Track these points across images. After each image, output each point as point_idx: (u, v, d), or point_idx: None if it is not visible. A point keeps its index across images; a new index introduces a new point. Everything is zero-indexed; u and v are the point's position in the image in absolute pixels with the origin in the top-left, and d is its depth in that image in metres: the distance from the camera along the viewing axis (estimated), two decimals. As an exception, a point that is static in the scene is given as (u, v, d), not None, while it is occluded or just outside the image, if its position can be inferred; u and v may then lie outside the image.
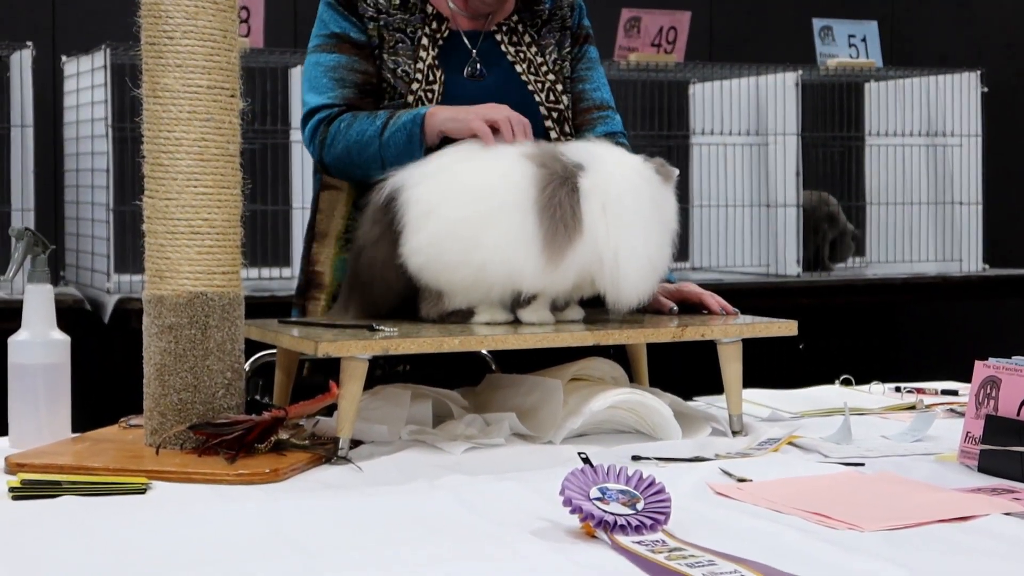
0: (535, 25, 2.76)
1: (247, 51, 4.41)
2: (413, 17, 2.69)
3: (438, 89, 2.64)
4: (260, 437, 2.08)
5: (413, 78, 2.64)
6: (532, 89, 2.69)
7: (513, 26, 2.75)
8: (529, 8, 2.77)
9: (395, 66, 2.64)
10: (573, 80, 2.77)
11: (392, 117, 2.54)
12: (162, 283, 2.15)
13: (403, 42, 2.67)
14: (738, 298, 4.79)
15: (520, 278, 2.31)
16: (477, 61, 2.70)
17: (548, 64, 2.73)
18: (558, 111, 2.70)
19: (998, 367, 2.07)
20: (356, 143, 2.56)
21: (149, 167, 2.17)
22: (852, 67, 5.31)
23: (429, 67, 2.65)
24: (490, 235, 2.29)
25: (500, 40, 2.73)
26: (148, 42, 2.16)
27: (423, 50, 2.66)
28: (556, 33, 2.77)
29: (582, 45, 2.80)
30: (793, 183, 5.04)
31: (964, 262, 5.38)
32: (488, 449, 2.21)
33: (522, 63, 2.72)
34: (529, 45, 2.73)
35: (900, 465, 2.09)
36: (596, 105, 2.78)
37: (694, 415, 2.44)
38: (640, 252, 2.32)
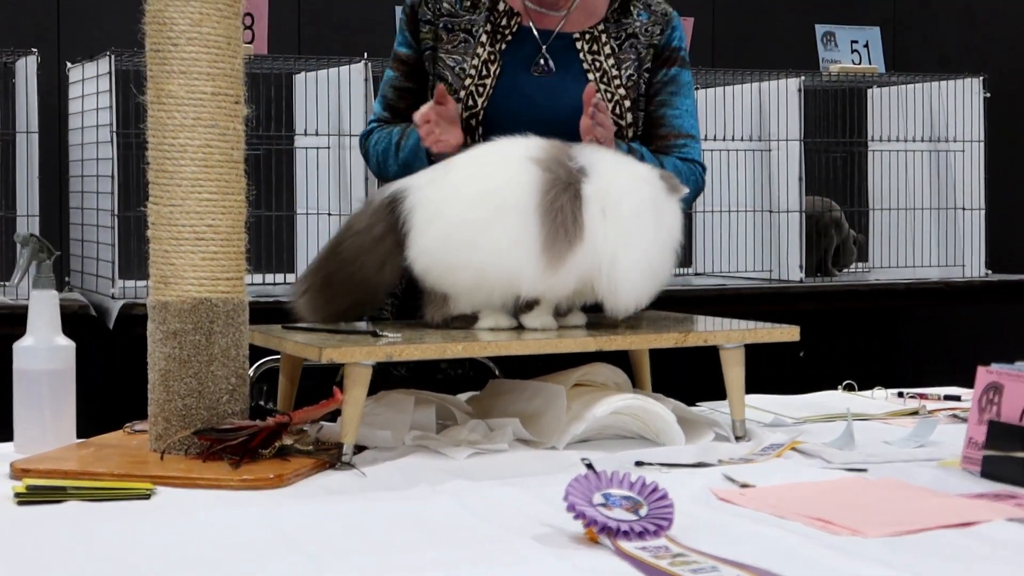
0: (619, 37, 2.76)
1: (251, 57, 4.42)
2: (478, 16, 2.74)
3: (490, 83, 2.69)
4: (264, 443, 2.09)
5: (467, 74, 2.69)
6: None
7: (596, 35, 2.76)
8: (618, 19, 2.78)
9: (454, 64, 2.71)
10: (655, 103, 2.77)
11: (403, 136, 2.69)
12: (167, 289, 2.16)
13: (466, 41, 2.72)
14: (741, 303, 4.86)
15: (520, 282, 2.31)
16: (544, 57, 2.72)
17: (622, 79, 2.73)
18: (619, 127, 2.70)
19: (1001, 373, 2.08)
20: (383, 158, 2.75)
21: (153, 173, 2.17)
22: (855, 73, 5.32)
23: (484, 62, 2.70)
24: (491, 238, 2.30)
25: (580, 47, 2.75)
26: (152, 49, 2.17)
27: (481, 46, 2.71)
28: (641, 50, 2.76)
29: (669, 67, 2.79)
30: (796, 189, 5.04)
31: (967, 267, 5.38)
32: (491, 455, 2.22)
33: (596, 71, 2.72)
34: (608, 56, 2.74)
35: (903, 471, 2.09)
36: (675, 133, 2.77)
37: (697, 420, 2.44)
38: (639, 258, 2.32)
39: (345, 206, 4.53)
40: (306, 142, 4.67)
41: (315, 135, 4.62)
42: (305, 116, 4.68)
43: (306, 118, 4.67)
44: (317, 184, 4.65)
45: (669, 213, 2.39)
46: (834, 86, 5.51)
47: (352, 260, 2.41)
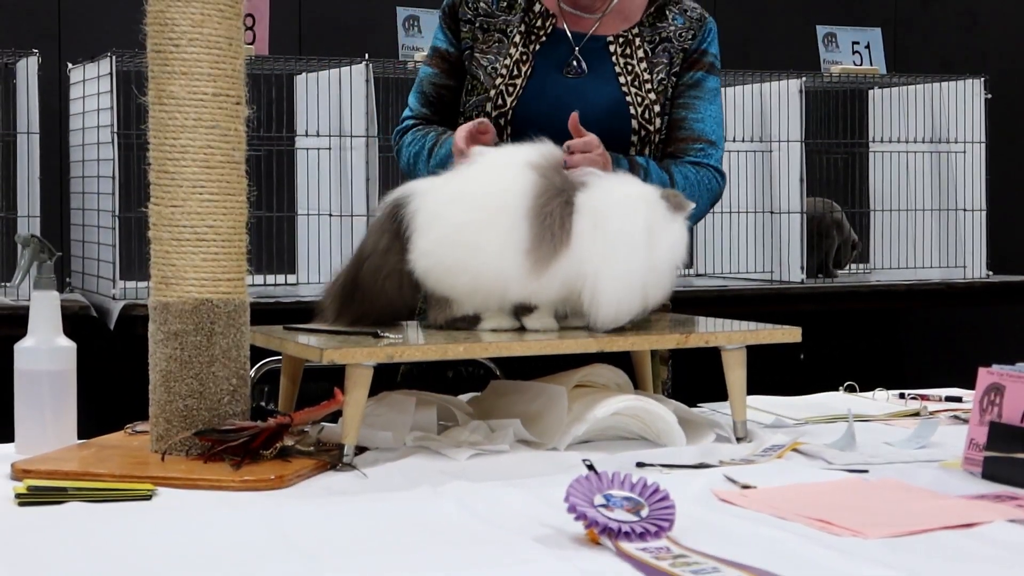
0: (653, 41, 2.76)
1: (252, 58, 4.42)
2: (514, 16, 2.75)
3: (520, 83, 2.69)
4: (265, 443, 2.09)
5: (499, 74, 2.70)
6: (630, 101, 2.70)
7: (630, 38, 2.76)
8: (653, 24, 2.78)
9: (487, 64, 2.72)
10: (678, 105, 2.76)
11: (438, 142, 2.68)
12: (168, 290, 2.16)
13: (500, 41, 2.73)
14: (742, 304, 4.86)
15: (507, 284, 2.31)
16: (576, 58, 2.72)
17: (653, 83, 2.73)
18: (647, 131, 2.71)
19: (1002, 374, 2.08)
20: (414, 161, 2.74)
21: (155, 174, 2.17)
22: (856, 74, 5.32)
23: (516, 62, 2.71)
24: (485, 240, 2.30)
25: (613, 50, 2.75)
26: (154, 50, 2.17)
27: (514, 46, 2.72)
28: (674, 54, 2.76)
29: (696, 71, 2.77)
30: (797, 190, 5.04)
31: (968, 268, 5.38)
32: (493, 456, 2.22)
33: (628, 75, 2.72)
34: (640, 60, 2.73)
35: (904, 472, 2.09)
36: (694, 136, 2.75)
37: (698, 421, 2.44)
38: (622, 276, 2.30)
39: (346, 207, 4.53)
40: (307, 143, 4.67)
41: (316, 136, 4.62)
42: (306, 117, 4.68)
43: (307, 119, 4.67)
44: (318, 185, 4.65)
45: (668, 233, 2.35)
46: (835, 87, 5.51)
47: (372, 287, 2.41)
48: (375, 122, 4.51)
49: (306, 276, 4.72)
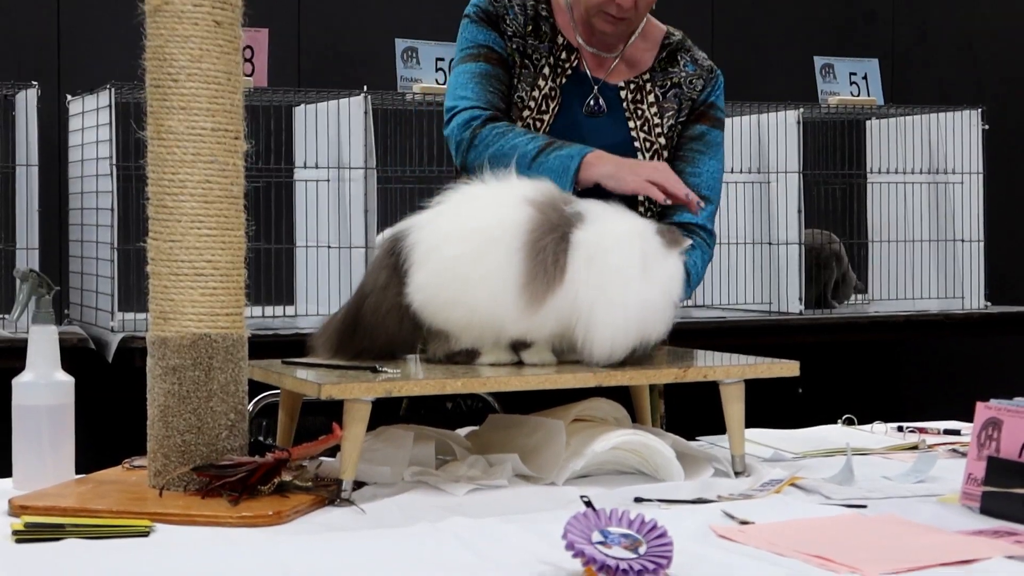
0: (664, 86, 2.77)
1: (251, 90, 4.43)
2: (541, 45, 2.74)
3: (547, 120, 2.69)
4: (263, 479, 2.09)
5: (526, 105, 2.69)
6: (638, 147, 2.71)
7: (642, 84, 2.76)
8: (664, 68, 2.78)
9: (514, 91, 2.70)
10: (677, 156, 2.76)
11: (551, 145, 2.56)
12: (166, 325, 2.16)
13: (526, 68, 2.72)
14: (741, 335, 4.85)
15: (503, 319, 2.31)
16: (598, 96, 2.72)
17: (663, 127, 2.73)
18: None
19: (1000, 408, 2.08)
20: (504, 156, 2.57)
21: (153, 209, 2.18)
22: (853, 105, 5.33)
23: (545, 96, 2.70)
24: (479, 274, 2.30)
25: (624, 96, 2.75)
26: (153, 85, 2.17)
27: (542, 79, 2.71)
28: (683, 100, 2.76)
29: (701, 124, 2.77)
30: (795, 221, 5.04)
31: (966, 299, 5.38)
32: (491, 491, 2.22)
33: (637, 119, 2.73)
34: (651, 105, 2.74)
35: (902, 507, 2.09)
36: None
37: (696, 455, 2.44)
38: (617, 313, 2.30)
39: (345, 239, 4.54)
40: (306, 175, 4.67)
41: (315, 168, 4.62)
42: (305, 149, 4.69)
43: (306, 151, 4.68)
44: (317, 216, 4.66)
45: (664, 268, 2.35)
46: (833, 118, 5.52)
47: (372, 323, 2.41)
48: (374, 154, 4.52)
49: (304, 308, 4.72)
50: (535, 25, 2.74)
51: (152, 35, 2.16)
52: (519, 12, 2.74)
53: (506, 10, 2.73)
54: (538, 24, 2.75)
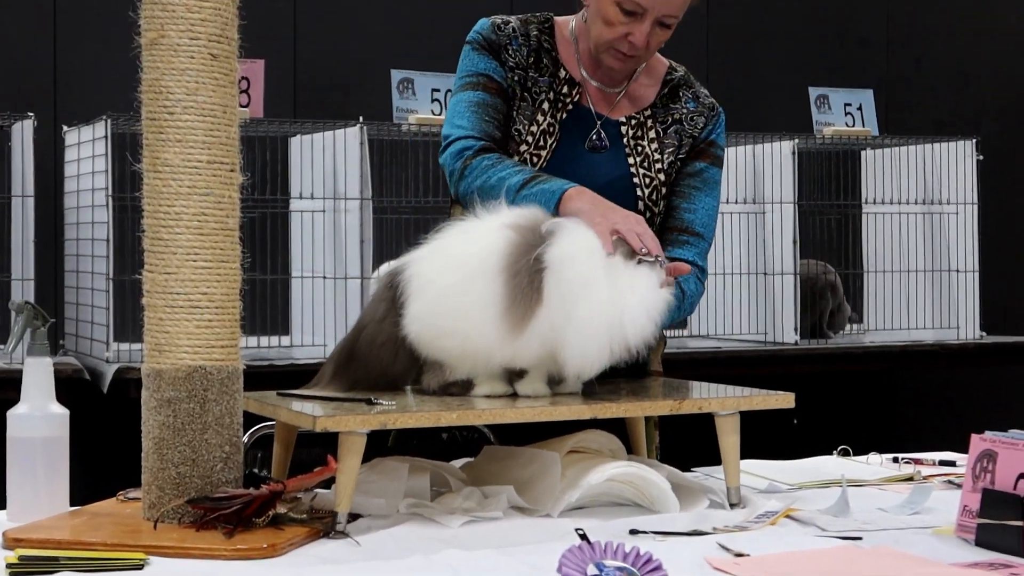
0: (665, 122, 2.76)
1: (247, 121, 4.44)
2: (542, 79, 2.73)
3: (545, 155, 2.68)
4: (258, 511, 2.08)
5: (523, 139, 2.68)
6: (637, 182, 2.70)
7: (642, 120, 2.76)
8: (666, 105, 2.78)
9: (513, 124, 2.69)
10: (674, 192, 2.75)
11: (536, 179, 2.55)
12: (161, 357, 2.16)
13: (525, 101, 2.71)
14: (736, 366, 4.86)
15: (491, 347, 2.32)
16: (600, 132, 2.72)
17: (663, 163, 2.73)
18: (652, 212, 2.71)
19: (995, 441, 2.08)
20: (492, 188, 2.57)
21: (149, 241, 2.18)
22: (848, 135, 5.34)
23: (543, 132, 2.69)
24: (468, 303, 2.31)
25: (624, 132, 2.74)
26: (149, 117, 2.18)
27: (541, 114, 2.70)
28: (684, 137, 2.76)
29: (700, 161, 2.77)
30: (791, 251, 5.05)
31: (961, 330, 5.39)
32: (486, 523, 2.21)
33: (637, 155, 2.72)
34: (652, 140, 2.73)
35: (897, 539, 2.09)
36: (682, 227, 2.74)
37: (692, 487, 2.44)
38: (584, 321, 2.28)
39: (340, 269, 4.54)
40: (301, 205, 4.68)
41: (311, 198, 4.63)
42: (301, 179, 4.69)
43: (301, 181, 4.69)
44: (312, 247, 4.66)
45: (635, 279, 2.33)
46: (828, 148, 5.54)
47: (367, 355, 2.42)
48: (369, 184, 4.52)
49: (300, 338, 4.72)
50: (537, 58, 2.74)
51: (148, 68, 2.17)
52: (522, 43, 2.74)
53: (509, 40, 2.73)
54: (540, 57, 2.75)
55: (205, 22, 2.16)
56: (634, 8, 2.61)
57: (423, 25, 5.55)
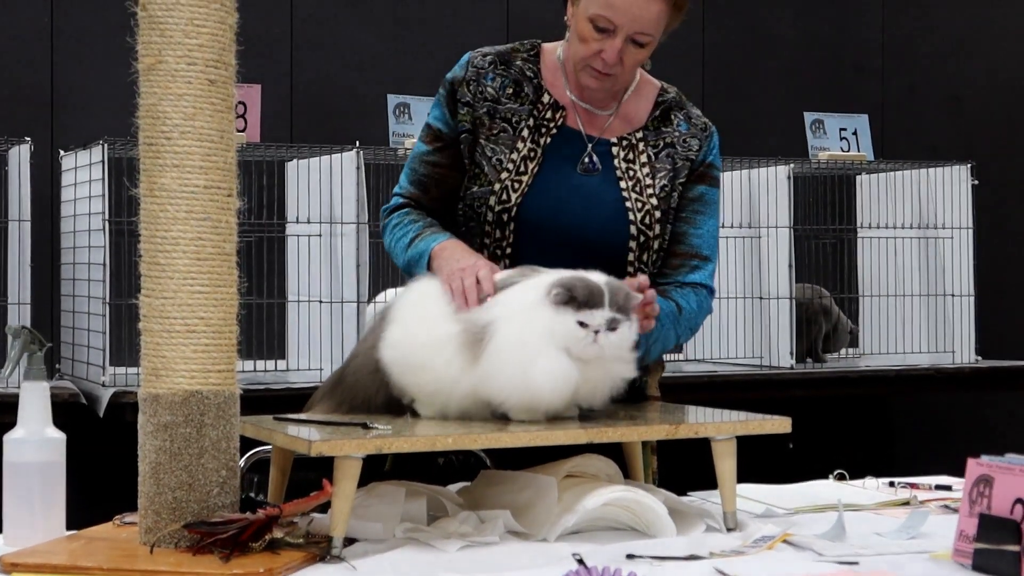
0: (657, 146, 2.76)
1: (244, 145, 4.45)
2: (522, 107, 2.73)
3: (526, 180, 2.68)
4: (255, 536, 2.08)
5: (504, 167, 2.68)
6: (630, 207, 2.70)
7: (634, 143, 2.75)
8: (657, 128, 2.78)
9: (492, 154, 2.70)
10: (680, 218, 2.75)
11: (415, 239, 2.65)
12: (158, 381, 2.16)
13: (505, 131, 2.71)
14: (732, 390, 4.86)
15: (457, 379, 2.35)
16: (590, 155, 2.72)
17: (655, 188, 2.72)
18: (646, 236, 2.70)
19: (991, 465, 2.08)
20: (393, 248, 2.72)
21: (146, 266, 2.18)
22: (843, 160, 5.35)
23: (524, 158, 2.69)
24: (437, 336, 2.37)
25: (616, 153, 2.74)
26: (146, 142, 2.18)
27: (521, 140, 2.70)
28: (678, 160, 2.75)
29: (701, 184, 2.77)
30: (786, 275, 5.06)
31: (957, 354, 5.39)
32: (483, 547, 2.21)
33: (629, 179, 2.71)
34: (643, 165, 2.73)
35: (894, 563, 2.09)
36: (691, 252, 2.74)
37: (688, 511, 2.43)
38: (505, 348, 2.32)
39: (337, 293, 4.55)
40: (298, 229, 4.69)
41: (307, 223, 4.64)
42: (297, 203, 4.70)
43: (298, 205, 4.69)
44: (309, 271, 4.66)
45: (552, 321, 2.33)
46: (823, 173, 5.55)
47: (353, 383, 2.48)
48: (366, 209, 4.53)
49: (296, 362, 4.72)
50: (517, 89, 2.74)
51: (146, 93, 2.17)
52: (499, 74, 2.74)
53: (482, 75, 2.74)
54: (521, 86, 2.74)
55: (203, 47, 2.17)
56: (606, 25, 2.61)
57: (420, 50, 5.56)
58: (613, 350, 2.33)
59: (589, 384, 2.35)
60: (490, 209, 2.67)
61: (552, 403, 2.34)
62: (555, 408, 2.35)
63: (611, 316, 2.31)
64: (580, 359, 2.31)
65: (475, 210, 2.69)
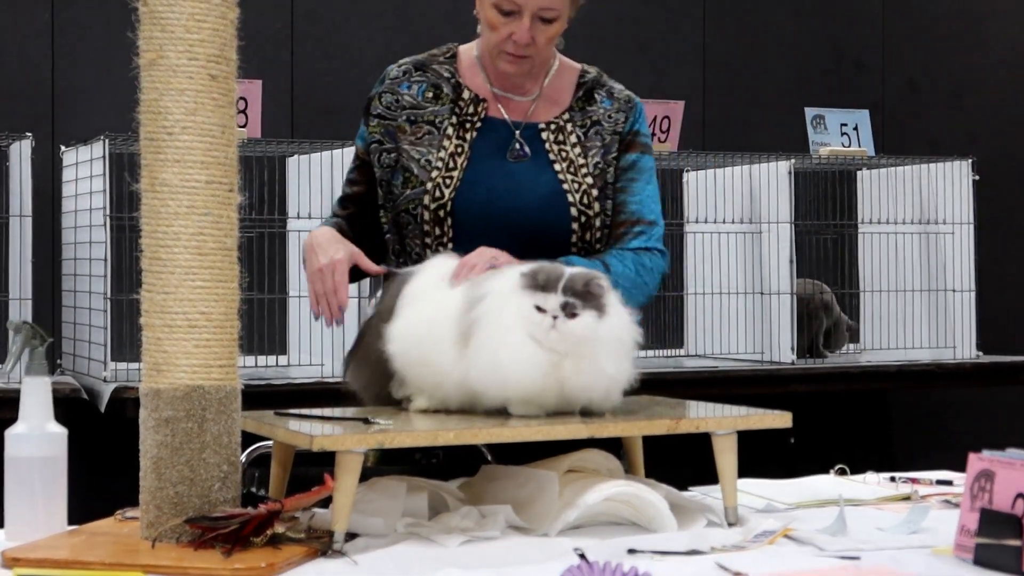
0: (584, 125, 2.79)
1: (244, 141, 4.45)
2: (443, 108, 2.77)
3: (457, 175, 2.71)
4: (256, 531, 2.08)
5: (434, 167, 2.72)
6: (567, 189, 2.72)
7: (562, 124, 2.79)
8: (583, 108, 2.81)
9: (419, 156, 2.74)
10: (615, 189, 2.78)
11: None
12: (159, 376, 2.16)
13: (430, 133, 2.76)
14: (732, 385, 4.86)
15: (452, 369, 2.35)
16: (519, 142, 2.75)
17: (589, 167, 2.75)
18: (587, 216, 2.73)
19: (992, 460, 2.08)
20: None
21: (147, 261, 2.18)
22: (844, 155, 5.35)
23: (451, 155, 2.73)
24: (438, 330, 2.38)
25: (546, 138, 2.77)
26: (147, 138, 2.18)
27: (447, 138, 2.74)
28: (606, 136, 2.79)
29: (631, 153, 2.80)
30: (787, 271, 5.06)
31: (958, 349, 5.39)
32: (484, 542, 2.21)
33: (562, 162, 2.75)
34: (574, 145, 2.76)
35: (895, 558, 2.09)
36: (632, 220, 2.77)
37: (689, 506, 2.44)
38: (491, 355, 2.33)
39: (337, 289, 4.53)
40: (299, 225, 4.68)
41: (308, 218, 4.63)
42: (298, 199, 4.70)
43: (299, 201, 4.69)
44: (310, 267, 4.65)
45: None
46: (824, 169, 5.55)
47: (373, 341, 2.50)
48: (366, 204, 4.52)
49: (297, 358, 4.72)
50: (436, 92, 2.80)
51: (147, 88, 2.17)
52: (416, 81, 2.81)
53: (397, 85, 2.82)
54: (440, 88, 2.80)
55: (204, 42, 2.17)
56: (510, 7, 2.65)
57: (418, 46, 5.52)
58: (576, 339, 2.28)
59: (577, 377, 2.33)
60: (426, 208, 2.71)
61: (524, 389, 2.31)
62: (531, 395, 2.32)
63: (564, 300, 2.27)
64: (550, 349, 2.29)
65: (411, 212, 2.73)
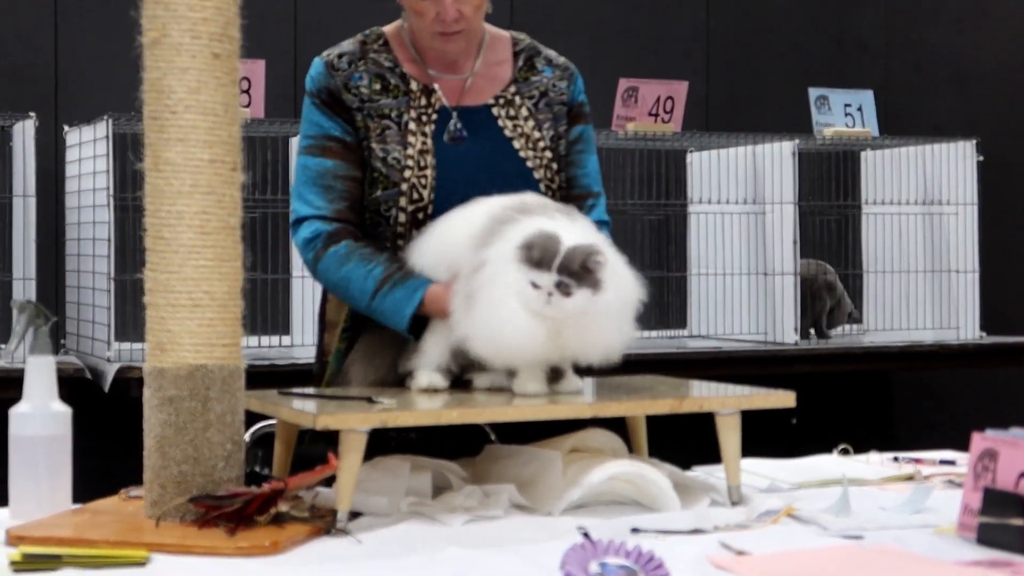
0: (532, 97, 2.75)
1: (248, 121, 4.44)
2: (397, 100, 2.68)
3: (431, 175, 2.64)
4: (260, 509, 2.09)
5: (404, 165, 2.63)
6: (531, 166, 2.70)
7: (510, 98, 2.74)
8: (527, 78, 2.77)
9: (385, 154, 2.64)
10: (567, 163, 2.76)
11: (387, 280, 2.55)
12: (163, 355, 2.16)
13: (390, 128, 2.66)
14: (736, 366, 4.86)
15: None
16: (457, 122, 2.69)
17: (546, 140, 2.73)
18: (551, 190, 2.70)
19: (996, 439, 2.08)
20: (345, 288, 2.63)
21: (151, 240, 2.18)
22: (848, 136, 5.35)
23: (421, 152, 2.64)
24: None
25: (497, 114, 2.72)
26: (151, 116, 2.18)
27: (411, 135, 2.65)
28: (555, 107, 2.76)
29: (577, 124, 2.79)
30: (791, 251, 5.06)
31: (961, 330, 5.39)
32: (487, 521, 2.22)
33: (520, 138, 2.71)
34: (527, 119, 2.73)
35: (899, 538, 2.09)
36: (585, 193, 2.77)
37: (693, 486, 2.44)
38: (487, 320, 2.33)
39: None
40: (302, 205, 4.67)
41: (311, 198, 4.62)
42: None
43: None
44: (313, 247, 4.65)
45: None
46: (828, 149, 5.54)
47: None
48: (370, 184, 4.52)
49: (301, 338, 4.72)
50: (384, 83, 2.68)
51: (150, 67, 2.17)
52: (364, 73, 2.68)
53: (349, 77, 2.68)
54: (386, 80, 2.68)
55: (207, 21, 2.16)
56: None
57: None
58: (571, 315, 2.29)
59: (577, 337, 2.32)
60: (402, 211, 2.63)
61: (524, 352, 2.31)
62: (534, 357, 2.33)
63: (558, 280, 2.27)
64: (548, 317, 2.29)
65: (382, 214, 2.64)
